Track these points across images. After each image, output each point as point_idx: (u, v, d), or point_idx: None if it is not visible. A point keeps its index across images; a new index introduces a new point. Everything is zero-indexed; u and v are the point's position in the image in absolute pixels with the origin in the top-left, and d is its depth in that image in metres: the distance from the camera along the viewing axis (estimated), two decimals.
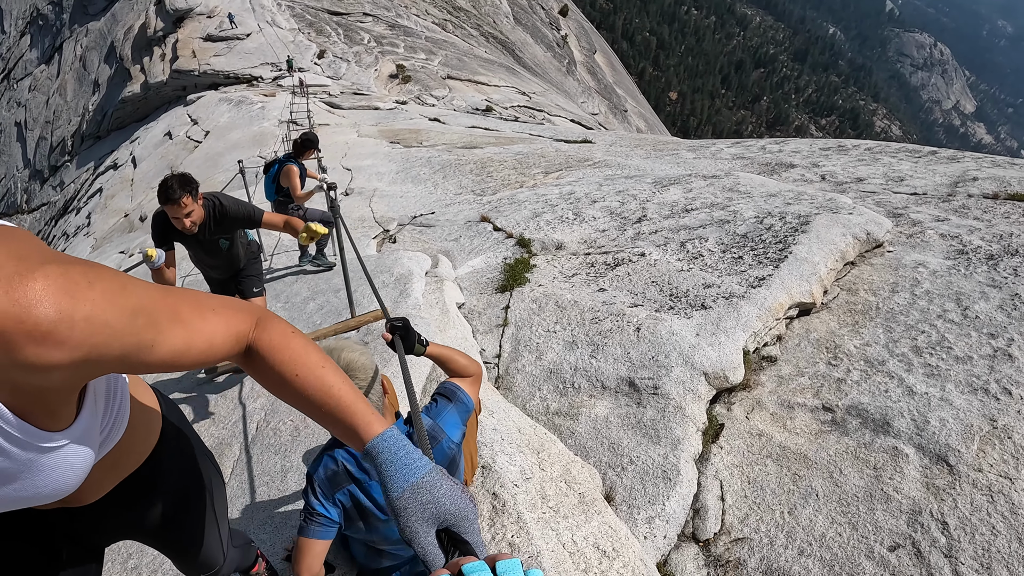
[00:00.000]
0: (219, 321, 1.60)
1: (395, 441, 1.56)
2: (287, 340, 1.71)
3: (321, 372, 1.68)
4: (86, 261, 1.29)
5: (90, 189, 44.02)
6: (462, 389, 3.50)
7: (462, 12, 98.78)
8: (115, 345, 1.27)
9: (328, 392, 1.66)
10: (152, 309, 1.37)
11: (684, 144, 20.86)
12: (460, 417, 3.38)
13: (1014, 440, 4.26)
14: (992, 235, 7.40)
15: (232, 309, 1.67)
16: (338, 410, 1.65)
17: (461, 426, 3.37)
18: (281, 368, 1.67)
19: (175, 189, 5.42)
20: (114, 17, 72.29)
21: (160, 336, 1.39)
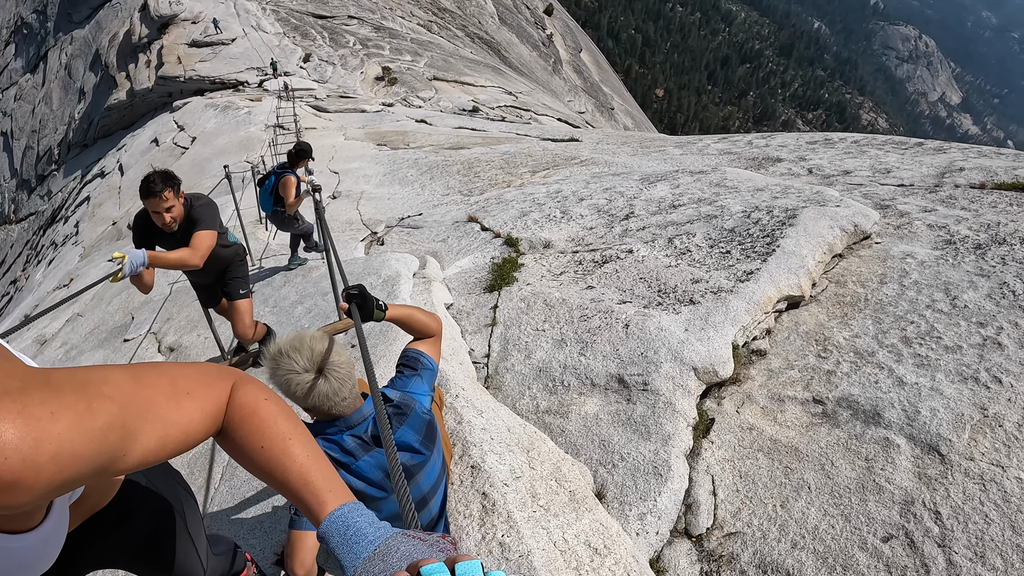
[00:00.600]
0: (194, 408, 1.51)
1: (343, 520, 1.49)
2: (257, 407, 1.64)
3: (286, 444, 1.62)
4: (45, 379, 1.19)
5: (78, 198, 43.94)
6: (424, 354, 3.60)
7: (447, 13, 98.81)
8: (86, 470, 1.19)
9: (289, 466, 1.59)
10: (123, 417, 1.29)
11: (671, 140, 20.90)
12: (428, 383, 3.45)
13: (1005, 428, 4.25)
14: (979, 224, 7.40)
15: (206, 387, 1.57)
16: (295, 486, 1.57)
17: (429, 392, 3.44)
18: (248, 439, 1.61)
19: (157, 182, 5.41)
20: (99, 24, 72.22)
21: (133, 443, 1.33)
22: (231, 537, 3.67)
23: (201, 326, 8.40)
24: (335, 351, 3.00)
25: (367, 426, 3.16)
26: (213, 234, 5.81)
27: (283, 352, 2.95)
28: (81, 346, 9.72)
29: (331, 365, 2.95)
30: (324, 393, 2.94)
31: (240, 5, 65.64)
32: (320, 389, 2.93)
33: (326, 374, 2.94)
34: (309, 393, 2.93)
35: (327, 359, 2.95)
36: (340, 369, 2.98)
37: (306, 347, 2.95)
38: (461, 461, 4.27)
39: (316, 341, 2.99)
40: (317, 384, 2.92)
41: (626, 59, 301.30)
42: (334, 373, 2.95)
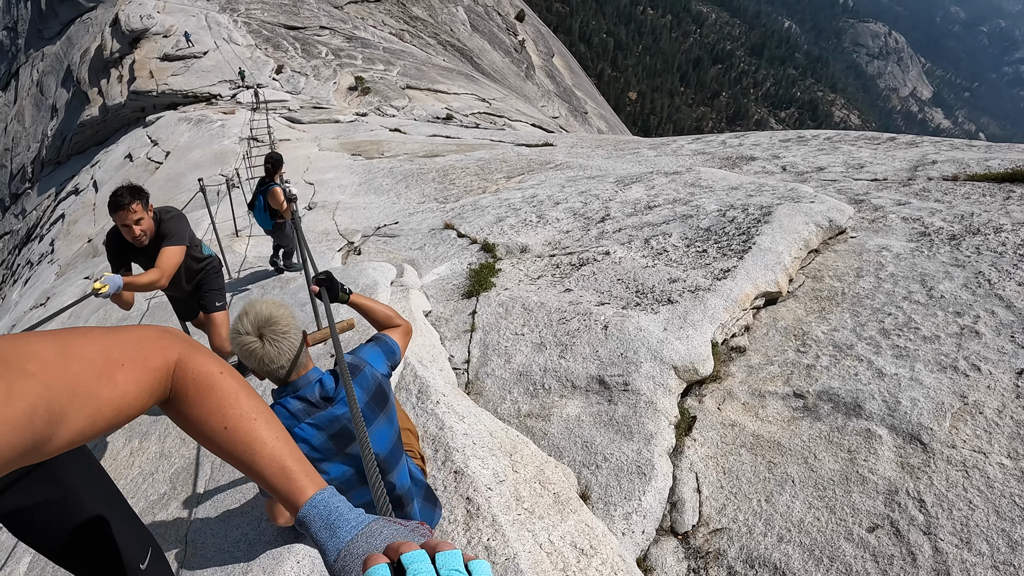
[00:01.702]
0: (128, 381, 1.33)
1: (325, 505, 1.43)
2: (213, 383, 1.49)
3: (253, 426, 1.49)
4: None
5: (52, 215, 43.65)
6: (387, 336, 3.67)
7: (419, 21, 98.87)
8: (7, 456, 1.11)
9: (259, 450, 1.47)
10: (49, 399, 1.15)
11: (645, 143, 20.94)
12: (383, 354, 3.48)
13: (986, 415, 4.28)
14: (953, 216, 7.46)
15: (143, 358, 1.38)
16: (269, 471, 1.46)
17: (385, 360, 3.47)
18: (207, 418, 1.47)
19: (124, 196, 5.36)
20: (70, 40, 71.88)
21: (60, 427, 1.18)
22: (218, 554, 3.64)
23: None
24: (280, 317, 3.06)
25: (314, 388, 3.20)
26: (181, 249, 5.77)
27: (236, 318, 3.06)
28: None
29: (272, 329, 3.01)
30: (265, 356, 3.01)
31: (211, 18, 65.45)
32: (260, 352, 2.99)
33: (267, 337, 3.00)
34: (251, 356, 3.01)
35: (270, 324, 3.01)
36: (281, 335, 3.03)
37: (252, 312, 3.02)
38: (444, 466, 4.26)
39: (264, 306, 3.06)
40: (258, 347, 2.99)
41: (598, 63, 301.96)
42: (274, 337, 3.01)
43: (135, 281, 5.25)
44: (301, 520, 1.41)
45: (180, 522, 4.70)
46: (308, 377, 3.20)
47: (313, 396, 3.17)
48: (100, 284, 4.88)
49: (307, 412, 3.16)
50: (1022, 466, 3.86)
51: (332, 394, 3.21)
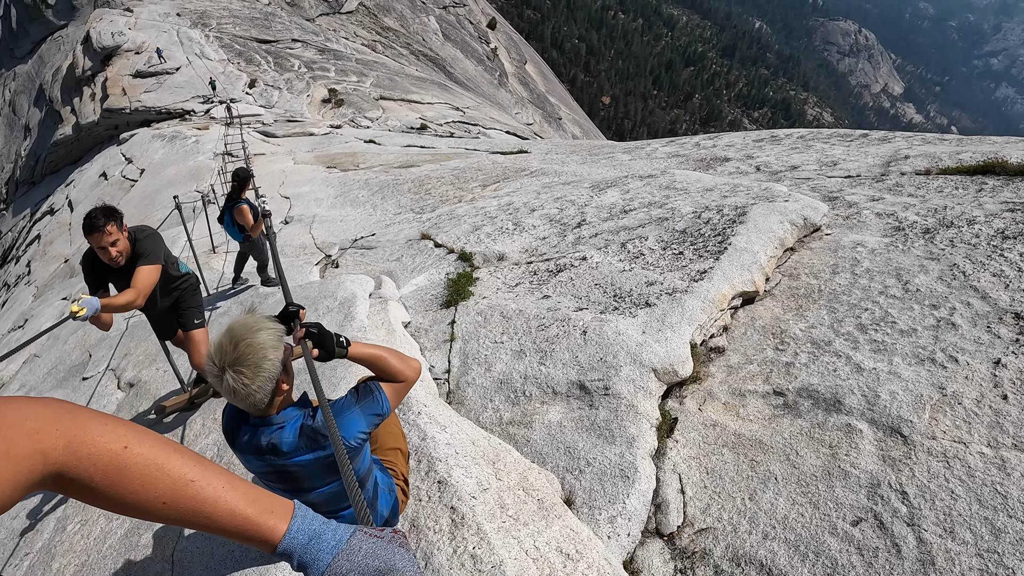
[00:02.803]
0: None
1: (303, 532, 1.37)
2: (123, 462, 1.26)
3: (193, 489, 1.31)
4: None
5: (28, 236, 43.37)
6: (380, 391, 3.31)
7: (391, 32, 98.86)
8: None
9: (212, 512, 1.32)
10: None
11: (619, 147, 21.02)
12: (365, 419, 3.21)
13: (964, 405, 4.32)
14: (927, 209, 7.52)
15: (6, 443, 1.13)
16: (231, 527, 1.34)
17: (365, 424, 3.20)
18: (137, 500, 1.27)
19: (98, 218, 5.33)
20: (41, 59, 71.59)
21: None
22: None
23: (160, 360, 8.30)
24: (251, 350, 2.84)
25: (269, 434, 3.09)
26: (157, 268, 5.74)
27: (215, 341, 2.91)
28: (40, 387, 9.58)
29: (238, 365, 2.83)
30: (226, 390, 2.86)
31: (183, 33, 65.24)
32: (223, 385, 2.84)
33: (229, 372, 2.82)
34: (221, 390, 2.87)
35: (237, 358, 2.83)
36: (245, 372, 2.84)
37: (224, 343, 2.85)
38: (428, 477, 4.25)
39: (240, 333, 2.87)
40: (222, 379, 2.83)
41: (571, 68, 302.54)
42: (236, 374, 2.83)
43: (112, 303, 5.22)
44: (283, 553, 1.36)
45: (166, 542, 4.69)
46: (270, 420, 3.11)
47: (264, 443, 3.09)
48: (77, 307, 4.85)
49: (255, 452, 3.11)
50: (1002, 454, 3.89)
51: (285, 449, 3.09)
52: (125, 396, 7.82)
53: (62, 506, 5.89)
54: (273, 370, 2.91)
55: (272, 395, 2.98)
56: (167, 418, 6.77)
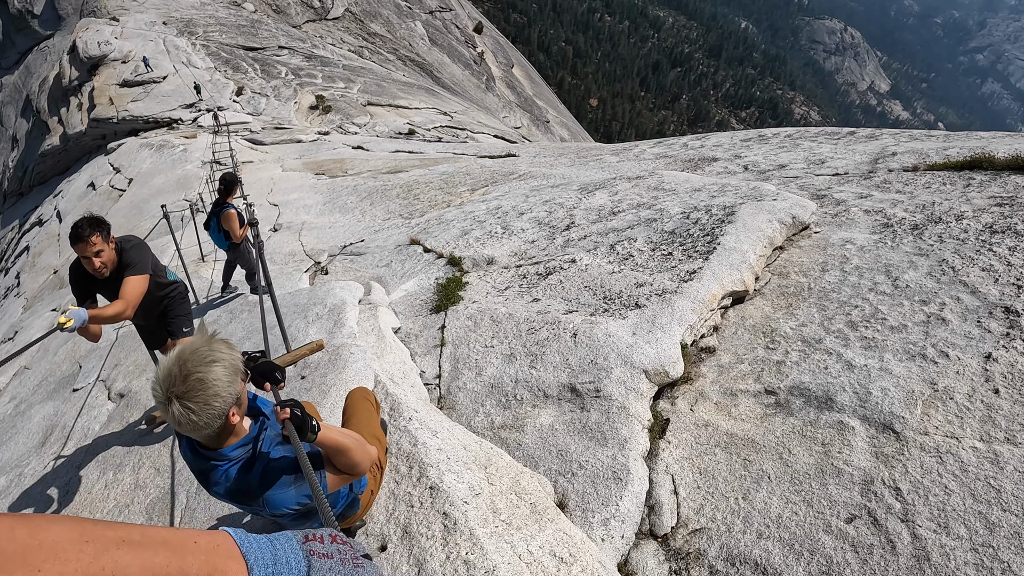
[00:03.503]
0: None
1: (265, 567, 1.30)
2: None
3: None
4: None
5: (17, 248, 43.13)
6: (324, 477, 3.17)
7: (377, 37, 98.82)
8: None
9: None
10: None
11: (607, 149, 21.03)
12: (297, 499, 3.12)
13: (956, 400, 4.33)
14: (915, 206, 7.53)
15: None
16: None
17: (291, 503, 3.10)
18: None
19: (84, 228, 5.31)
20: (28, 69, 71.36)
21: None
22: None
23: (150, 370, 8.28)
24: (202, 389, 2.66)
25: (218, 472, 3.03)
26: (144, 278, 5.71)
27: (162, 362, 2.72)
28: (30, 399, 9.53)
29: (186, 399, 2.63)
30: (171, 419, 2.66)
31: (170, 42, 65.07)
32: (168, 414, 2.64)
33: (176, 403, 2.62)
34: (164, 414, 2.68)
35: (187, 391, 2.63)
36: (192, 407, 2.64)
37: (174, 371, 2.64)
38: (419, 483, 4.24)
39: (193, 369, 2.65)
40: (168, 409, 2.63)
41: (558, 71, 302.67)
42: (183, 408, 2.63)
43: (100, 314, 5.19)
44: None
45: None
46: (223, 454, 3.02)
47: (216, 476, 3.03)
48: (65, 319, 4.82)
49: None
50: (995, 448, 3.89)
51: (233, 488, 3.04)
52: (116, 407, 7.79)
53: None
54: (223, 407, 2.76)
55: (221, 429, 2.86)
56: (157, 429, 6.75)
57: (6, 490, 6.88)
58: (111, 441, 6.84)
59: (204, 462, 3.05)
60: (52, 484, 6.48)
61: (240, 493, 3.03)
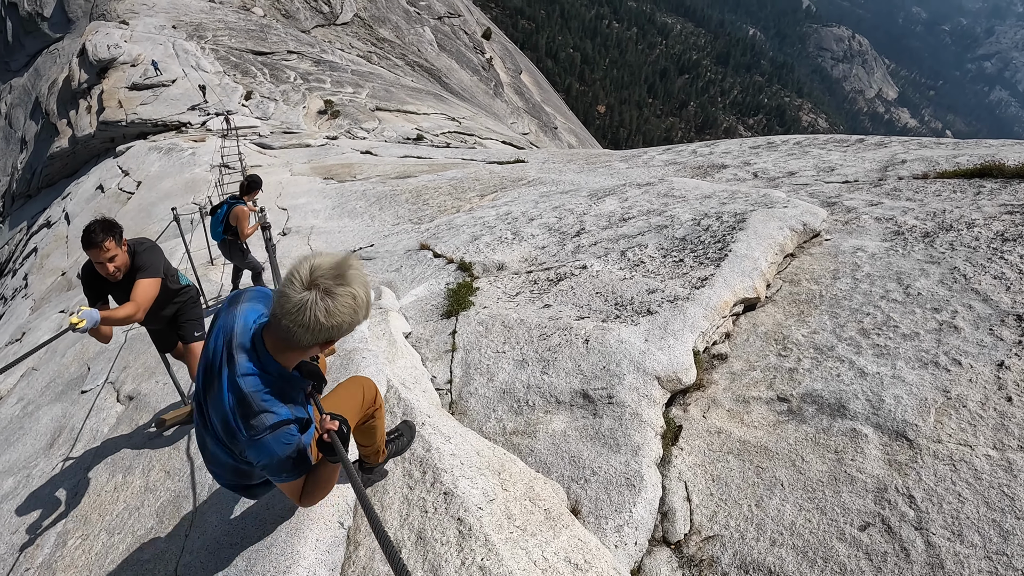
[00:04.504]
0: None
1: None
2: None
3: None
4: None
5: (25, 249, 43.19)
6: (291, 477, 3.17)
7: (386, 43, 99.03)
8: None
9: None
10: None
11: (616, 155, 21.05)
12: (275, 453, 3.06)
13: (969, 408, 4.32)
14: (926, 213, 7.53)
15: None
16: None
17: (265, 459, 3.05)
18: None
19: (97, 232, 5.31)
20: (37, 72, 71.61)
21: None
22: None
23: (159, 372, 8.29)
24: (348, 294, 2.66)
25: (242, 368, 2.98)
26: (156, 282, 5.72)
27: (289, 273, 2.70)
28: (38, 400, 9.55)
29: (329, 289, 2.63)
30: (294, 307, 2.64)
31: (179, 46, 65.23)
32: (295, 303, 2.64)
33: (317, 292, 2.62)
34: (282, 303, 2.68)
35: (333, 280, 2.63)
36: (333, 299, 2.63)
37: (324, 264, 2.66)
38: (433, 488, 4.24)
39: (348, 266, 2.68)
40: (298, 297, 2.63)
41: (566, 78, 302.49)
42: (325, 296, 2.63)
43: (112, 315, 5.20)
44: None
45: (169, 556, 4.66)
46: (264, 365, 3.00)
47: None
48: (77, 319, 4.84)
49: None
50: (1008, 456, 3.89)
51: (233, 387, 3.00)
52: (124, 409, 7.81)
53: (62, 520, 5.87)
54: (347, 325, 2.73)
55: (310, 347, 2.83)
56: (167, 431, 6.75)
57: (14, 491, 6.91)
58: (120, 443, 6.85)
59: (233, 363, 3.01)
60: (60, 486, 6.50)
61: (235, 423, 2.99)
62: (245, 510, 4.70)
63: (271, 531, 4.23)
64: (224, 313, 3.25)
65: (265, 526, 4.32)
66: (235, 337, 3.07)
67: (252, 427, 2.93)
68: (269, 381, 2.99)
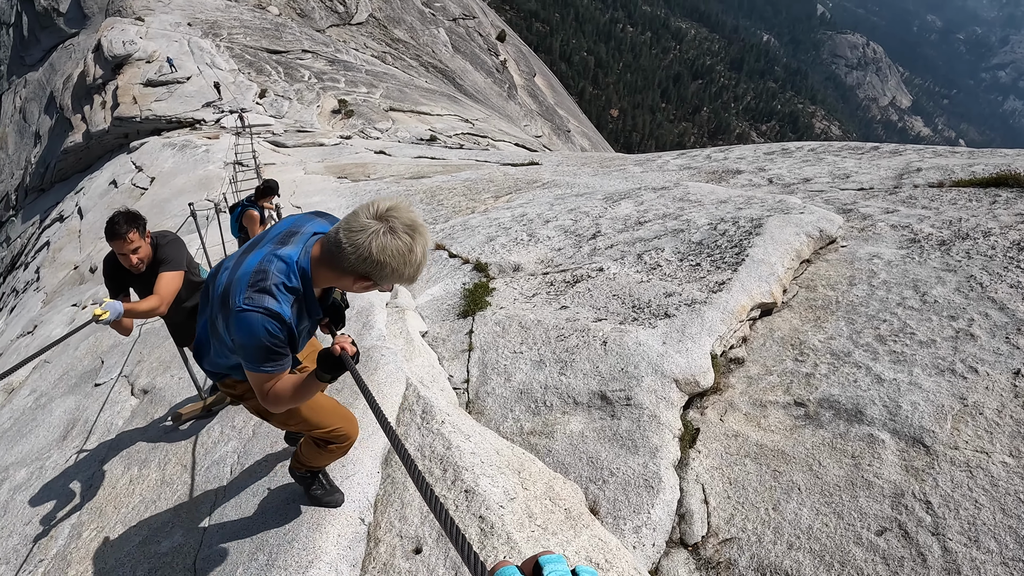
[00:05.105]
0: None
1: None
2: None
3: None
4: None
5: (37, 243, 43.27)
6: (275, 368, 3.18)
7: (400, 43, 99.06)
8: None
9: None
10: None
11: (630, 159, 21.05)
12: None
13: (986, 415, 4.35)
14: (942, 222, 7.55)
15: None
16: None
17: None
18: None
19: (121, 224, 5.33)
20: (52, 67, 71.76)
21: None
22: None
23: (174, 366, 8.32)
24: (416, 243, 2.77)
25: (257, 258, 3.12)
26: (179, 275, 5.75)
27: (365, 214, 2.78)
28: (51, 393, 9.56)
29: (406, 229, 2.75)
30: (362, 239, 2.73)
31: (194, 43, 65.30)
32: (366, 236, 2.73)
33: (386, 225, 2.73)
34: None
35: (409, 226, 2.75)
36: (402, 238, 2.73)
37: (400, 205, 2.79)
38: (454, 486, 4.28)
39: (417, 220, 2.80)
40: (368, 231, 2.73)
41: (580, 81, 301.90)
42: (391, 234, 2.73)
43: (135, 308, 5.24)
44: None
45: (187, 549, 4.68)
46: (282, 255, 3.06)
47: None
48: (101, 311, 4.87)
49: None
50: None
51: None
52: (139, 403, 7.84)
53: (77, 512, 5.88)
54: (393, 267, 2.78)
55: (357, 266, 2.82)
56: (183, 425, 6.77)
57: (27, 483, 6.91)
58: (135, 437, 6.87)
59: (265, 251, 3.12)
60: (75, 478, 6.50)
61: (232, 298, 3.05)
62: (265, 505, 4.73)
63: (292, 526, 4.27)
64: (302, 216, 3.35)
65: (286, 521, 4.35)
66: (297, 230, 3.20)
67: (251, 298, 2.96)
68: (294, 296, 3.06)
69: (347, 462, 4.73)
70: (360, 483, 4.51)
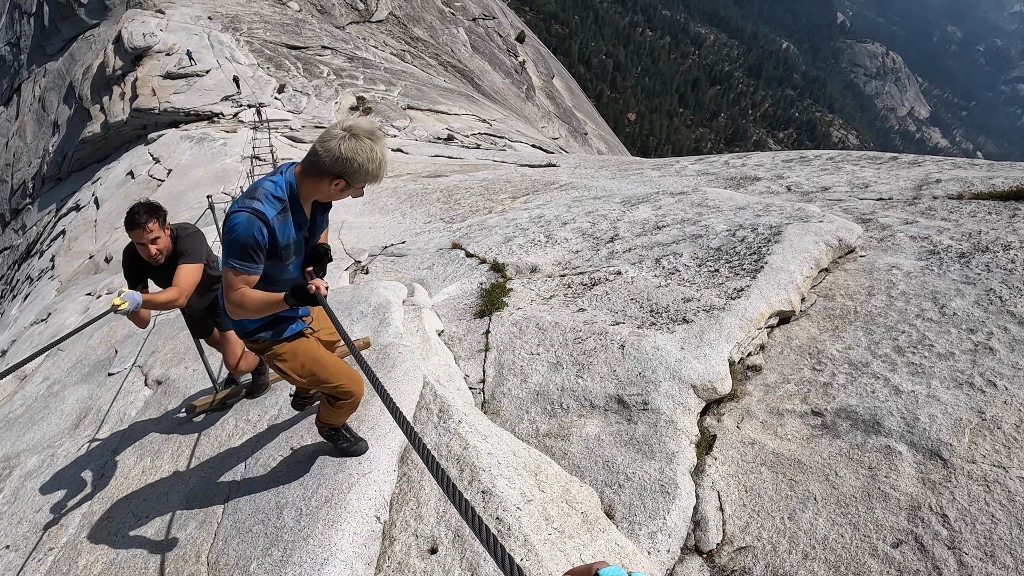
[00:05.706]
0: None
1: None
2: None
3: None
4: None
5: (53, 231, 43.50)
6: (240, 270, 3.74)
7: (420, 42, 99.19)
8: None
9: None
10: None
11: (648, 163, 21.02)
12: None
13: (1004, 430, 4.34)
14: (961, 234, 7.52)
15: None
16: None
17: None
18: None
19: (141, 214, 5.33)
20: (72, 57, 72.04)
21: None
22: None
23: (189, 358, 8.32)
24: (373, 147, 3.46)
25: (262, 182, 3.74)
26: (198, 267, 5.75)
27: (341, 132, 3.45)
28: (64, 380, 9.57)
29: (365, 137, 3.44)
30: (335, 141, 3.45)
31: (214, 37, 65.47)
32: (339, 138, 3.43)
33: (349, 133, 3.43)
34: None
35: (369, 132, 3.45)
36: (362, 141, 3.43)
37: (363, 123, 3.49)
38: (471, 486, 4.28)
39: (378, 135, 3.50)
40: (335, 134, 3.45)
41: (598, 84, 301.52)
42: (354, 138, 3.43)
43: (154, 299, 5.25)
44: None
45: (201, 542, 4.68)
46: (275, 180, 3.73)
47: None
48: (120, 301, 4.88)
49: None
50: None
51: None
52: (153, 394, 7.85)
53: (88, 502, 5.86)
54: (359, 164, 3.47)
55: (331, 167, 3.50)
56: (197, 418, 6.76)
57: (38, 470, 6.90)
58: (148, 427, 6.86)
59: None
60: (86, 467, 6.49)
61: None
62: (280, 501, 4.74)
63: (307, 523, 4.27)
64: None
65: (301, 517, 4.36)
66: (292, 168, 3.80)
67: (243, 202, 3.63)
68: (281, 204, 3.69)
69: (364, 459, 4.75)
70: (376, 481, 4.52)
